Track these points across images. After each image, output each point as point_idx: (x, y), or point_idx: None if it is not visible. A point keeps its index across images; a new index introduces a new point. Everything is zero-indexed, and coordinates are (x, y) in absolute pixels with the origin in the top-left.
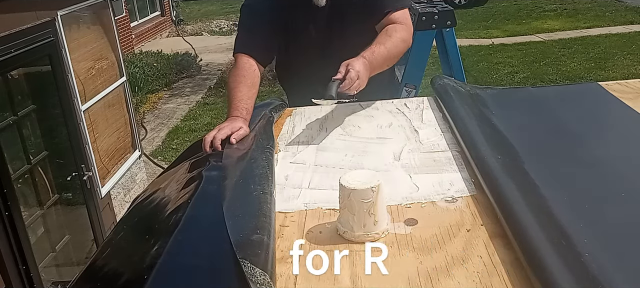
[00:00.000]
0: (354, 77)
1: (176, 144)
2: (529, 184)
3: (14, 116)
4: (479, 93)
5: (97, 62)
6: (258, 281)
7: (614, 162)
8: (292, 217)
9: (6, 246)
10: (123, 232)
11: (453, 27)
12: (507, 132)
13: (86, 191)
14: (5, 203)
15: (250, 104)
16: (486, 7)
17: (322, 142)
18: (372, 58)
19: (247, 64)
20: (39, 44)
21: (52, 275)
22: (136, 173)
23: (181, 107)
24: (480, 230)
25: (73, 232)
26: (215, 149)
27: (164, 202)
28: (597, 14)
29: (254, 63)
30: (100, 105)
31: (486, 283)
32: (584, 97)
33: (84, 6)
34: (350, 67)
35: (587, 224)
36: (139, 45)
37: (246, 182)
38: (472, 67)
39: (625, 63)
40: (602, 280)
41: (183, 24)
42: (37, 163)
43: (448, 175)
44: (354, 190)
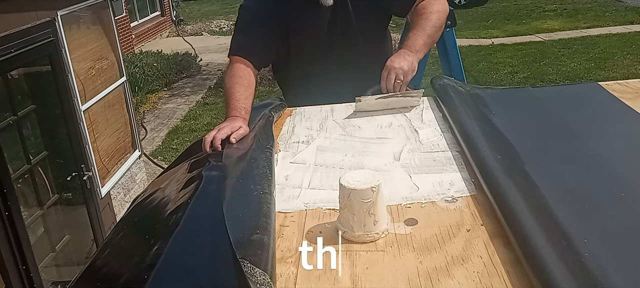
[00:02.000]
0: (400, 74)
1: (176, 143)
2: (529, 184)
3: (14, 116)
4: (479, 93)
5: (97, 62)
6: (258, 281)
7: (614, 162)
8: (292, 217)
9: (6, 246)
10: (123, 232)
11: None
12: (507, 132)
13: (86, 191)
14: (5, 203)
15: (248, 104)
16: (486, 7)
17: (322, 142)
18: (414, 43)
19: (242, 65)
20: (39, 44)
21: (52, 275)
22: (136, 173)
23: (181, 107)
24: (480, 230)
25: (73, 232)
26: (215, 149)
27: (164, 202)
28: (597, 14)
29: (250, 65)
30: (100, 105)
31: (486, 283)
32: (584, 97)
33: (84, 6)
34: (389, 68)
35: (587, 224)
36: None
37: (246, 182)
38: (472, 67)
39: (625, 63)
40: (602, 280)
41: (183, 24)
42: (37, 163)
43: (448, 175)
44: (354, 190)
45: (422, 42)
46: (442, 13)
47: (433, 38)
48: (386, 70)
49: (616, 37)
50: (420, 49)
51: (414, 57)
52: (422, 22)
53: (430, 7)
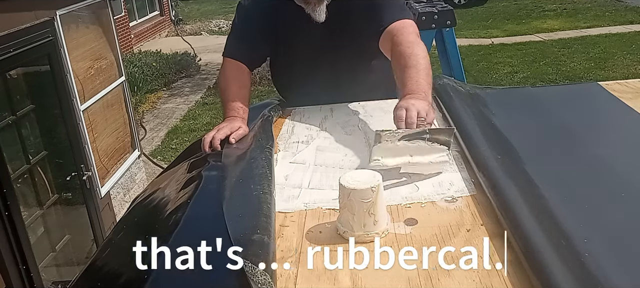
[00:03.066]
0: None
1: (175, 143)
2: (529, 184)
3: (13, 116)
4: (478, 93)
5: (96, 61)
6: (259, 281)
7: (614, 162)
8: (292, 217)
9: (6, 246)
10: (123, 232)
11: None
12: (507, 132)
13: (86, 191)
14: (5, 203)
15: (245, 103)
16: (486, 7)
17: (322, 142)
18: (417, 87)
19: (236, 66)
20: (38, 44)
21: (52, 275)
22: (136, 173)
23: (180, 106)
24: (480, 230)
25: (73, 232)
26: (214, 149)
27: (163, 202)
28: (597, 14)
29: (244, 65)
30: (100, 105)
31: (486, 283)
32: (583, 97)
33: (83, 6)
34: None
35: (587, 224)
36: (138, 45)
37: (246, 182)
38: (472, 67)
39: (625, 63)
40: (602, 280)
41: (182, 23)
42: (36, 163)
43: (448, 175)
44: (354, 190)
45: (425, 83)
46: (426, 54)
47: (430, 82)
48: (400, 109)
49: (616, 37)
50: (426, 90)
51: (425, 101)
52: (412, 61)
53: (415, 49)
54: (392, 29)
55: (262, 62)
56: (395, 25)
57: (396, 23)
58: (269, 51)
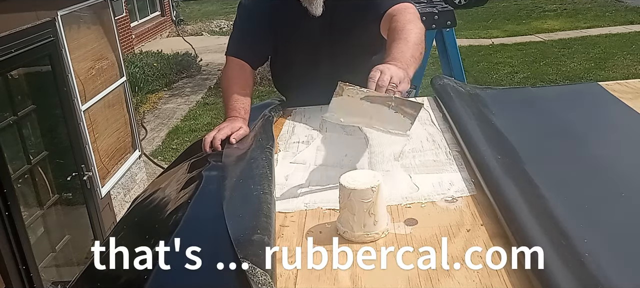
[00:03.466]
0: (395, 78)
1: (176, 143)
2: (529, 184)
3: (14, 116)
4: (479, 93)
5: (97, 62)
6: (259, 281)
7: (614, 162)
8: (292, 217)
9: (6, 246)
10: (123, 232)
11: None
12: (507, 132)
13: (86, 191)
14: (5, 203)
15: (247, 104)
16: (486, 7)
17: (322, 142)
18: (401, 56)
19: (239, 65)
20: (39, 44)
21: (52, 275)
22: (136, 173)
23: (181, 107)
24: (480, 230)
25: (73, 232)
26: (215, 149)
27: (164, 202)
28: (597, 14)
29: (247, 65)
30: (100, 105)
31: (486, 283)
32: (584, 97)
33: (84, 6)
34: (380, 69)
35: (587, 224)
36: (139, 45)
37: (246, 182)
38: (472, 67)
39: (625, 63)
40: (602, 280)
41: (183, 24)
42: (37, 163)
43: (448, 175)
44: (354, 190)
45: (410, 55)
46: (421, 31)
47: (417, 56)
48: (376, 70)
49: (616, 37)
50: (408, 62)
51: (403, 71)
52: (403, 35)
53: (408, 25)
54: (392, 11)
55: (265, 60)
56: (394, 8)
57: (395, 6)
58: (271, 50)
